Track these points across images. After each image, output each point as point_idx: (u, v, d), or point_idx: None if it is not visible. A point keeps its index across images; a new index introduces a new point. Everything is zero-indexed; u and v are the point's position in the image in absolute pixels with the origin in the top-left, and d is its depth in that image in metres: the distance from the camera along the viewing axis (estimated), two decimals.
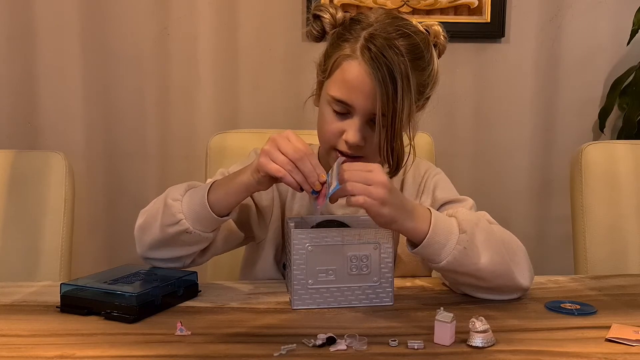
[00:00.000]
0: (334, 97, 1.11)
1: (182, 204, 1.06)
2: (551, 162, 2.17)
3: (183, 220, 1.06)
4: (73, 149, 2.02)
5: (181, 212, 1.06)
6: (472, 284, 1.06)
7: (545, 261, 2.14)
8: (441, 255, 1.01)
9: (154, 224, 1.09)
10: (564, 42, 2.14)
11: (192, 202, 1.06)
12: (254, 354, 0.84)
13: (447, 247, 1.00)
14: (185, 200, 1.07)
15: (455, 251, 1.00)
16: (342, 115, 1.12)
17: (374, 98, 1.06)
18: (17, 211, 1.43)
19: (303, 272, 1.02)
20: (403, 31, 1.09)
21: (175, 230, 1.06)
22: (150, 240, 1.10)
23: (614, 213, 1.50)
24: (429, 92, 1.15)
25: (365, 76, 1.07)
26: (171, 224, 1.06)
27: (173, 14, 2.05)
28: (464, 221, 1.03)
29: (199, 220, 1.06)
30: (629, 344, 0.88)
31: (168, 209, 1.07)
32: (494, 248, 1.03)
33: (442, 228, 1.01)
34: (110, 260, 2.05)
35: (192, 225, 1.06)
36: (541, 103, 2.16)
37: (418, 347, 0.86)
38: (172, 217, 1.06)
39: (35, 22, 2.02)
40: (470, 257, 1.01)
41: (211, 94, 2.08)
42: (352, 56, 1.09)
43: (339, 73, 1.11)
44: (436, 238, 1.00)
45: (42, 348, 0.86)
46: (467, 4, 2.08)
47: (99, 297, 0.99)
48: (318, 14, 1.16)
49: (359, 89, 1.08)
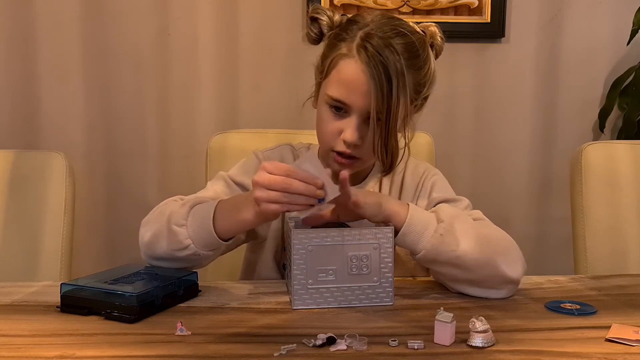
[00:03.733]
0: (332, 97, 1.11)
1: (187, 229, 1.06)
2: (551, 162, 2.17)
3: (191, 245, 1.07)
4: (73, 148, 2.02)
5: (188, 237, 1.06)
6: (455, 276, 1.06)
7: (545, 261, 2.15)
8: (420, 245, 1.03)
9: (161, 246, 1.09)
10: (564, 42, 2.14)
11: (199, 228, 1.06)
12: (254, 354, 0.85)
13: (424, 236, 1.03)
14: (190, 224, 1.07)
15: (433, 239, 1.03)
16: (340, 115, 1.12)
17: (369, 96, 1.07)
18: (17, 211, 1.43)
19: (303, 272, 1.02)
20: (399, 30, 1.10)
21: (185, 254, 1.08)
22: (157, 256, 1.11)
23: (614, 213, 1.50)
24: (426, 91, 1.16)
25: (361, 74, 1.08)
26: (180, 249, 1.07)
27: (173, 14, 2.05)
28: (442, 212, 1.06)
29: (206, 245, 1.07)
30: (629, 344, 0.88)
31: (175, 236, 1.07)
32: (473, 237, 1.04)
33: (419, 219, 1.04)
34: (111, 260, 2.06)
35: (200, 249, 1.07)
36: (541, 103, 2.16)
37: (418, 347, 0.86)
38: (179, 244, 1.07)
39: (35, 22, 2.02)
40: (448, 244, 1.03)
41: (211, 94, 2.09)
42: (348, 55, 1.10)
43: (335, 72, 1.12)
44: (412, 228, 1.03)
45: (42, 348, 0.86)
46: (467, 4, 2.08)
47: (99, 297, 0.99)
48: (315, 16, 1.17)
49: (355, 88, 1.09)
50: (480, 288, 1.07)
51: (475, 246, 1.04)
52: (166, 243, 1.08)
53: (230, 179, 1.22)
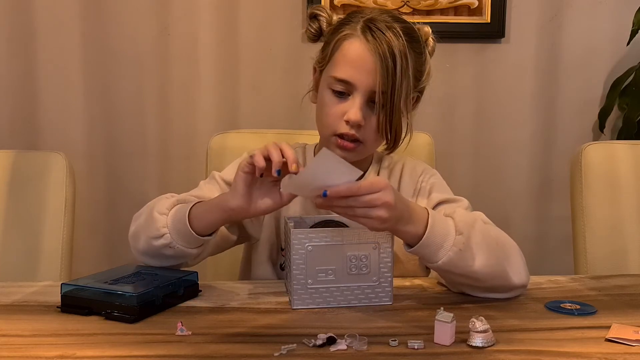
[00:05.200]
0: (336, 77, 1.13)
1: (167, 218, 1.07)
2: (551, 162, 2.17)
3: (167, 234, 1.07)
4: (73, 149, 2.02)
5: (165, 226, 1.07)
6: (468, 284, 1.07)
7: (545, 261, 2.15)
8: (437, 256, 1.01)
9: (142, 235, 1.10)
10: (564, 42, 2.14)
11: (176, 218, 1.07)
12: (254, 354, 0.85)
13: (443, 248, 1.01)
14: (170, 214, 1.08)
15: (450, 252, 1.01)
16: (343, 98, 1.14)
17: (374, 74, 1.10)
18: (17, 211, 1.43)
19: (303, 272, 1.02)
20: (398, 17, 1.16)
21: (160, 244, 1.08)
22: (140, 248, 1.12)
23: (614, 213, 1.50)
24: (423, 81, 1.19)
25: (366, 53, 1.11)
26: (155, 237, 1.08)
27: (173, 14, 2.05)
28: (460, 222, 1.03)
29: (181, 237, 1.07)
30: (629, 344, 0.88)
31: (153, 223, 1.08)
32: (489, 250, 1.04)
33: (439, 228, 1.01)
34: (111, 260, 2.05)
35: (175, 239, 1.07)
36: (541, 103, 2.16)
37: (418, 347, 0.86)
38: (156, 231, 1.08)
39: (35, 22, 2.02)
40: (465, 259, 1.02)
41: (211, 94, 2.08)
42: (353, 35, 1.13)
43: (339, 54, 1.14)
44: (432, 239, 1.00)
45: (42, 348, 0.86)
46: (467, 4, 2.08)
47: (99, 297, 0.99)
48: (316, 12, 1.21)
49: (360, 66, 1.11)
50: (484, 292, 1.08)
51: (489, 260, 1.03)
52: (146, 230, 1.09)
53: (221, 178, 1.23)
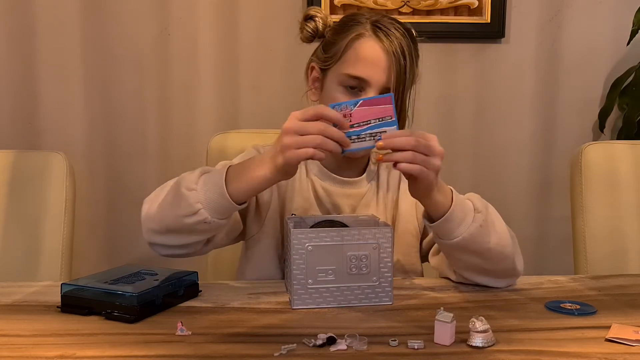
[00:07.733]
0: (350, 75, 1.17)
1: (198, 194, 1.03)
2: (551, 162, 2.17)
3: (202, 210, 1.03)
4: (73, 149, 2.02)
5: (199, 202, 1.03)
6: (476, 264, 1.09)
7: (545, 261, 2.14)
8: (457, 231, 1.05)
9: (168, 214, 1.06)
10: (564, 42, 2.14)
11: (210, 191, 1.03)
12: (254, 354, 0.85)
13: (464, 223, 1.05)
14: (200, 188, 1.04)
15: (472, 228, 1.05)
16: (354, 92, 1.18)
17: (388, 72, 1.15)
18: (18, 211, 1.43)
19: (303, 272, 1.02)
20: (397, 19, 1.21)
21: (194, 220, 1.04)
22: (160, 227, 1.08)
23: (614, 213, 1.50)
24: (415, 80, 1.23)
25: (380, 51, 1.16)
26: (189, 214, 1.03)
27: (173, 14, 2.05)
28: (477, 201, 1.09)
29: (216, 209, 1.03)
30: (629, 344, 0.88)
31: (185, 200, 1.03)
32: (503, 230, 1.10)
33: (462, 205, 1.06)
34: (111, 260, 2.05)
35: (210, 214, 1.03)
36: (541, 103, 2.16)
37: (418, 347, 0.86)
38: (189, 207, 1.03)
39: (35, 22, 2.02)
40: (483, 235, 1.06)
41: (211, 94, 2.08)
42: (365, 35, 1.18)
43: (353, 52, 1.18)
44: (457, 213, 1.05)
45: (42, 348, 0.86)
46: (467, 4, 2.08)
47: (99, 297, 0.99)
48: (312, 14, 1.25)
49: (375, 64, 1.16)
50: (488, 277, 1.11)
51: (502, 240, 1.08)
52: (174, 209, 1.05)
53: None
